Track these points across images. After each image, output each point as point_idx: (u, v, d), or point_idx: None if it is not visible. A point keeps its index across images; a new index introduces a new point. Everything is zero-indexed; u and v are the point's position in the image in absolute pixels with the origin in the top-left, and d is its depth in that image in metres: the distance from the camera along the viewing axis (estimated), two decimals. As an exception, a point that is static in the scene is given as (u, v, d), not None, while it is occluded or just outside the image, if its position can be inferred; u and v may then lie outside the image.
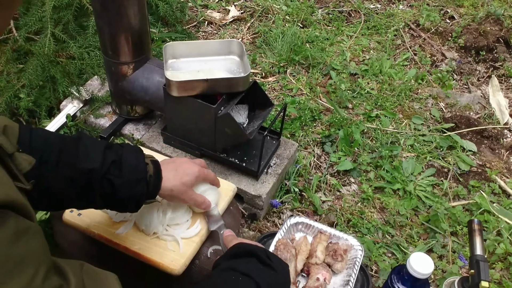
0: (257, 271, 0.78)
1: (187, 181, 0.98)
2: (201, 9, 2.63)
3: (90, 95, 1.72)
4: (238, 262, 0.82)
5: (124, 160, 0.85)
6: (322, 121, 1.94)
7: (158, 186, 0.92)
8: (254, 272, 0.77)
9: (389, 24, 2.61)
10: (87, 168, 0.82)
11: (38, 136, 0.82)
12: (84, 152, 0.83)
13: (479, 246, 1.12)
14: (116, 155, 0.85)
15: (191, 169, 1.00)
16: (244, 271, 0.77)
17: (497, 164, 1.81)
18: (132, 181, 0.85)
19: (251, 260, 0.82)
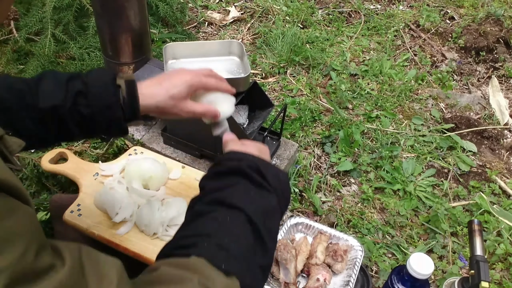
0: (246, 199, 0.69)
1: (176, 93, 0.86)
2: (201, 10, 2.64)
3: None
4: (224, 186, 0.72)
5: (90, 88, 0.80)
6: (322, 122, 1.94)
7: (135, 106, 0.83)
8: (243, 201, 0.69)
9: (389, 24, 2.61)
10: (48, 106, 0.79)
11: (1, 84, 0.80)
12: (45, 90, 0.80)
13: (479, 247, 1.12)
14: (82, 85, 0.81)
15: (180, 79, 0.88)
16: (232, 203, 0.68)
17: (497, 165, 1.81)
18: (103, 108, 0.80)
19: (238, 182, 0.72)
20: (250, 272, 0.64)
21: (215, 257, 0.61)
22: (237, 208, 0.67)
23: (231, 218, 0.67)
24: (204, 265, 0.59)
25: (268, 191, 0.72)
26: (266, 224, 0.69)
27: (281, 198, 0.74)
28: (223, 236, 0.64)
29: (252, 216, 0.67)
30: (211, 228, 0.65)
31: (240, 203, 0.68)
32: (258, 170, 0.73)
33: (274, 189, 0.73)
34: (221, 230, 0.65)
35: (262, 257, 0.67)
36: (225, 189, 0.71)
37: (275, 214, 0.73)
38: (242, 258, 0.63)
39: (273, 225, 0.72)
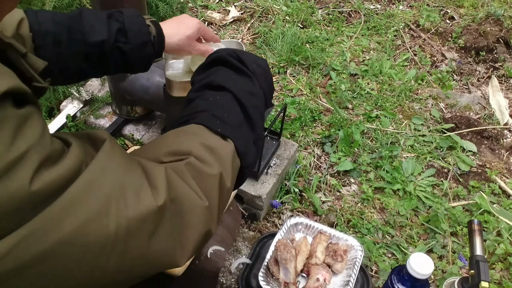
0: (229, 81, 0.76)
1: (190, 34, 1.02)
2: (201, 10, 2.64)
3: (90, 95, 1.72)
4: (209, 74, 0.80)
5: (127, 26, 0.90)
6: (322, 122, 1.94)
7: (163, 44, 0.97)
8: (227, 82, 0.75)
9: (389, 24, 2.61)
10: (96, 40, 0.86)
11: (45, 19, 0.86)
12: (90, 26, 0.87)
13: (479, 247, 1.12)
14: (119, 23, 0.90)
15: (192, 23, 1.04)
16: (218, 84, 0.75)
17: (497, 165, 1.81)
18: (140, 45, 0.91)
19: (220, 69, 0.80)
20: (244, 139, 0.71)
21: (212, 124, 0.68)
22: (223, 88, 0.75)
23: (219, 96, 0.74)
24: (202, 129, 0.67)
25: (247, 75, 0.79)
26: (251, 102, 0.75)
27: (262, 83, 0.81)
28: (216, 109, 0.71)
29: (237, 94, 0.74)
30: (204, 105, 0.73)
31: (225, 83, 0.75)
32: (237, 57, 0.80)
33: (253, 72, 0.80)
34: (213, 105, 0.72)
35: (251, 131, 0.74)
36: (209, 76, 0.79)
37: (258, 95, 0.79)
38: (236, 126, 0.71)
39: (257, 103, 0.78)
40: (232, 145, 0.68)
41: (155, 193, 0.53)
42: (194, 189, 0.59)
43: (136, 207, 0.50)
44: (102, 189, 0.48)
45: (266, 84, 0.82)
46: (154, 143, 0.69)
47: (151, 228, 0.52)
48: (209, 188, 0.61)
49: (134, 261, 0.52)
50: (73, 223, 0.45)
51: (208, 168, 0.62)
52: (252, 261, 1.25)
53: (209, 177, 0.61)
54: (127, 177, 0.51)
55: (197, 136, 0.66)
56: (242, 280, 1.21)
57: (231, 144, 0.68)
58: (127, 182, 0.51)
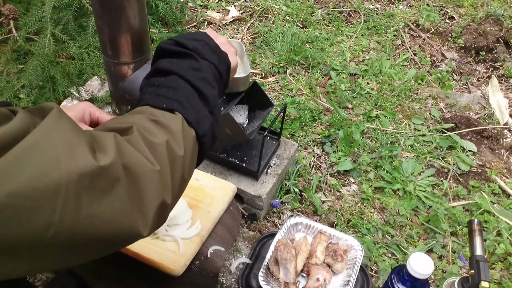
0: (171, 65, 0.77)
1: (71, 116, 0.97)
2: (201, 10, 2.64)
3: (90, 95, 1.72)
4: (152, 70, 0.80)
5: None
6: (322, 121, 1.94)
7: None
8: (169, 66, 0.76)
9: (389, 24, 2.61)
10: None
11: None
12: None
13: (479, 246, 1.12)
14: None
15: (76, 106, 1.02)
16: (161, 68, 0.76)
17: (497, 164, 1.81)
18: None
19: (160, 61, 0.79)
20: (193, 110, 0.72)
21: (156, 102, 0.70)
22: (167, 72, 0.76)
23: (165, 79, 0.75)
24: (147, 108, 0.69)
25: (188, 54, 0.79)
26: (197, 76, 0.76)
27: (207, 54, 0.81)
28: (161, 89, 0.73)
29: (182, 73, 0.75)
30: (151, 89, 0.74)
31: (167, 67, 0.76)
32: (174, 42, 0.81)
33: (194, 49, 0.79)
34: (159, 88, 0.74)
35: (204, 102, 0.75)
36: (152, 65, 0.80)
37: (203, 68, 0.79)
38: (183, 99, 0.71)
39: (206, 76, 0.78)
40: (180, 116, 0.69)
41: (104, 152, 0.54)
42: (145, 154, 0.60)
43: (85, 163, 0.51)
44: (50, 147, 0.49)
45: (210, 52, 0.82)
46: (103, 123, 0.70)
47: (104, 186, 0.53)
48: (158, 154, 0.62)
49: (90, 220, 0.52)
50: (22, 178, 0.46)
51: (152, 137, 0.63)
52: (252, 261, 1.25)
53: (157, 145, 0.62)
54: (74, 138, 0.52)
55: (142, 113, 0.68)
56: (242, 280, 1.21)
57: (179, 115, 0.69)
58: (74, 141, 0.52)
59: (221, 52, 0.86)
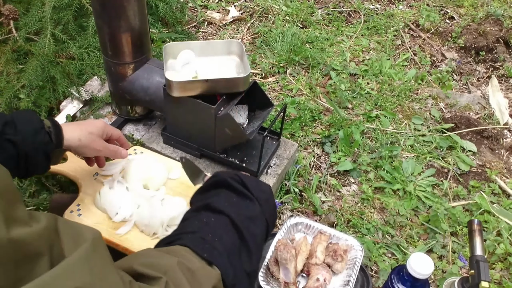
0: (229, 205, 0.72)
1: (94, 131, 1.01)
2: (201, 10, 2.64)
3: (90, 95, 1.72)
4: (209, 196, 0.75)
5: (16, 119, 0.86)
6: (322, 122, 1.94)
7: (60, 135, 0.93)
8: (226, 206, 0.71)
9: (389, 24, 2.61)
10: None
11: None
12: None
13: (479, 246, 1.12)
14: (7, 118, 0.86)
15: (96, 123, 1.04)
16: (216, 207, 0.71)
17: (497, 164, 1.81)
18: (31, 132, 0.86)
19: (221, 192, 0.76)
20: (234, 269, 0.64)
21: (198, 246, 0.62)
22: (220, 212, 0.70)
23: (215, 220, 0.69)
24: (186, 251, 0.61)
25: (250, 199, 0.75)
26: (250, 229, 0.70)
27: (265, 207, 0.76)
28: (207, 232, 0.66)
29: (235, 219, 0.69)
30: (196, 226, 0.68)
31: (223, 207, 0.70)
32: (240, 181, 0.77)
33: (257, 198, 0.75)
34: (205, 228, 0.67)
35: (246, 261, 0.67)
36: (208, 198, 0.74)
37: (258, 221, 0.74)
38: (226, 254, 0.64)
39: (257, 231, 0.73)
40: (218, 274, 0.61)
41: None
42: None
43: None
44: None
45: (269, 211, 0.77)
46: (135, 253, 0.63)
47: None
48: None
49: None
50: None
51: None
52: (252, 261, 1.25)
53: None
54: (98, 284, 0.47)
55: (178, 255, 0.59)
56: (242, 280, 1.20)
57: (217, 272, 0.61)
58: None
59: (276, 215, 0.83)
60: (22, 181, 1.41)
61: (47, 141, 0.89)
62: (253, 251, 0.69)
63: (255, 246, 0.70)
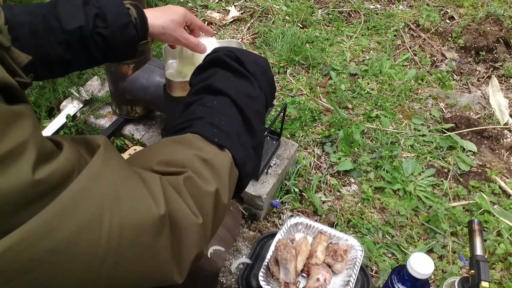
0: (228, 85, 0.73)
1: (176, 19, 1.00)
2: (201, 10, 2.64)
3: (90, 95, 1.72)
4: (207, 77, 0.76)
5: (105, 10, 0.87)
6: (322, 122, 1.94)
7: (146, 26, 0.94)
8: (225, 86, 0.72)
9: (389, 24, 2.61)
10: (74, 27, 0.83)
11: (19, 10, 0.84)
12: (65, 13, 0.84)
13: (479, 247, 1.12)
14: (96, 8, 0.86)
15: (177, 8, 1.02)
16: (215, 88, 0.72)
17: (497, 165, 1.81)
18: (120, 27, 0.87)
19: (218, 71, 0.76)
20: (242, 148, 0.68)
21: (208, 133, 0.65)
22: (221, 93, 0.72)
23: (217, 102, 0.71)
24: (198, 139, 0.64)
25: (246, 76, 0.76)
26: (251, 106, 0.73)
27: (262, 81, 0.78)
28: (213, 116, 0.68)
29: (235, 98, 0.71)
30: (202, 111, 0.70)
31: (223, 87, 0.72)
32: (236, 58, 0.77)
33: (253, 74, 0.77)
34: (211, 112, 0.70)
35: (251, 137, 0.71)
36: (207, 79, 0.76)
37: (258, 98, 0.77)
38: (234, 134, 0.68)
39: (256, 107, 0.76)
40: (230, 156, 0.65)
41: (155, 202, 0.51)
42: (189, 205, 0.57)
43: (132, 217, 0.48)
44: (95, 197, 0.46)
45: (266, 84, 0.80)
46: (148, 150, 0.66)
47: (147, 241, 0.50)
48: (205, 205, 0.59)
49: (127, 274, 0.50)
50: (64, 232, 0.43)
51: (205, 185, 0.59)
52: (252, 261, 1.25)
53: (207, 194, 0.59)
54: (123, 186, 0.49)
55: (192, 147, 0.63)
56: (242, 280, 1.20)
57: (229, 154, 0.65)
58: (122, 190, 0.49)
59: (275, 86, 0.83)
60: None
61: (134, 35, 0.91)
62: (256, 127, 0.72)
63: (257, 121, 0.74)
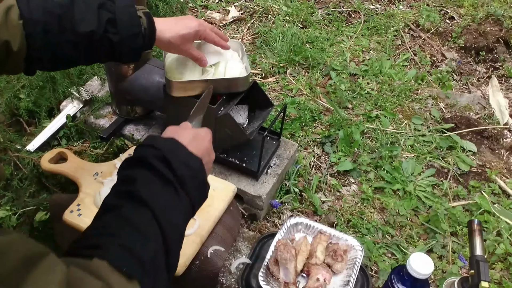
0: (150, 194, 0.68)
1: (185, 33, 1.04)
2: (201, 10, 2.64)
3: (90, 95, 1.72)
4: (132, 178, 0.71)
5: (118, 16, 0.90)
6: (322, 122, 1.94)
7: (153, 36, 0.98)
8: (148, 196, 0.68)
9: (389, 24, 2.61)
10: (86, 31, 0.88)
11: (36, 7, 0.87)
12: (80, 15, 0.88)
13: (479, 246, 1.12)
14: (110, 13, 0.90)
15: (191, 23, 1.06)
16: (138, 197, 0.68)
17: (497, 165, 1.81)
18: (129, 36, 0.92)
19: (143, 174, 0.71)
20: (153, 273, 0.63)
21: (117, 260, 0.60)
22: (143, 204, 0.67)
23: (137, 216, 0.67)
24: (105, 268, 0.59)
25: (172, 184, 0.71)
26: (172, 221, 0.69)
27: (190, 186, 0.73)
28: (128, 236, 0.64)
29: (158, 214, 0.67)
30: (117, 227, 0.65)
31: (146, 197, 0.68)
32: (163, 158, 0.73)
33: (180, 177, 0.72)
34: (127, 229, 0.65)
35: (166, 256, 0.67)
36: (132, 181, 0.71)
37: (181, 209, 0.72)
38: (147, 259, 0.63)
39: (178, 221, 0.72)
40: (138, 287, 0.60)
41: None
42: None
43: None
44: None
45: (195, 189, 0.75)
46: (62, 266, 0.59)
47: None
48: None
49: None
50: None
51: None
52: (252, 261, 1.25)
53: None
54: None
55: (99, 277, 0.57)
56: (242, 280, 1.21)
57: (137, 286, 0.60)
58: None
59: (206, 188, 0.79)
60: (22, 181, 1.42)
61: (141, 45, 0.95)
62: (173, 247, 0.68)
63: (176, 240, 0.70)
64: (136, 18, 0.93)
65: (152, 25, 0.97)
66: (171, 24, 1.03)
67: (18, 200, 1.35)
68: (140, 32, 0.93)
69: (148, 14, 0.97)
